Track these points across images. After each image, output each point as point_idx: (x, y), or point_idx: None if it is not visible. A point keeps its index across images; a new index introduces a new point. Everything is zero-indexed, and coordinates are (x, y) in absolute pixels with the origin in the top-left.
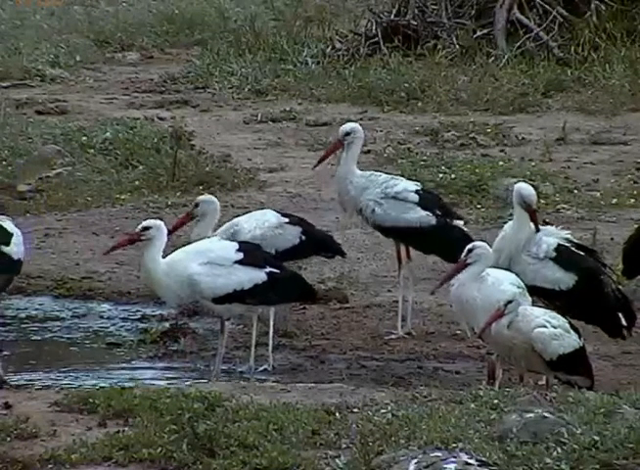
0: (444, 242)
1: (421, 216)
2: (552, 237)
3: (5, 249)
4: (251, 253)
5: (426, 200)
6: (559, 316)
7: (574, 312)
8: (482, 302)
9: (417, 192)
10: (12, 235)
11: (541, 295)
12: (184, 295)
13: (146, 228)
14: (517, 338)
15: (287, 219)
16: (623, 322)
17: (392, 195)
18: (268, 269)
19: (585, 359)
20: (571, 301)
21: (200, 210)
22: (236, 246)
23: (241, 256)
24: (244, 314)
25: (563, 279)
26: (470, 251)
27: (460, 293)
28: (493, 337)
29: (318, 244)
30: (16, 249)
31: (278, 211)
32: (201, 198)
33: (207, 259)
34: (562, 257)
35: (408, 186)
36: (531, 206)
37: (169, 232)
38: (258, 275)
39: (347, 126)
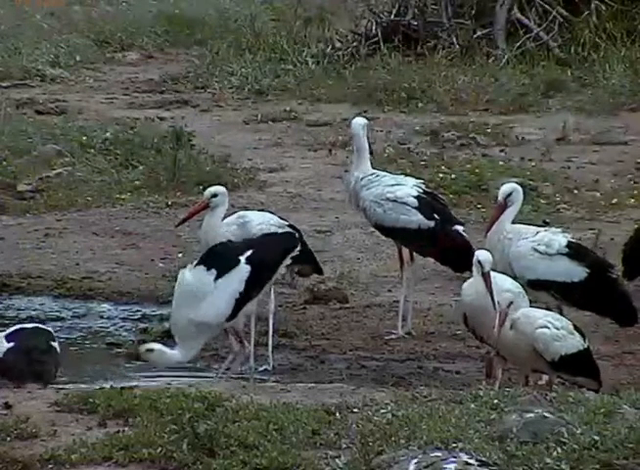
0: (448, 246)
1: (419, 219)
2: (560, 235)
3: None
4: (219, 260)
5: (425, 205)
6: (562, 318)
7: (587, 304)
8: (479, 304)
9: (417, 197)
10: None
11: (552, 288)
12: (204, 338)
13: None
14: (520, 339)
15: (286, 222)
16: None
17: (393, 198)
18: (244, 256)
19: (590, 361)
20: (584, 292)
21: (216, 200)
22: (203, 268)
23: (214, 272)
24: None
25: (576, 271)
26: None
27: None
28: (499, 338)
29: (308, 253)
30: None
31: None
32: (218, 188)
33: (196, 299)
34: (574, 251)
35: (410, 192)
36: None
37: (183, 221)
38: (241, 271)
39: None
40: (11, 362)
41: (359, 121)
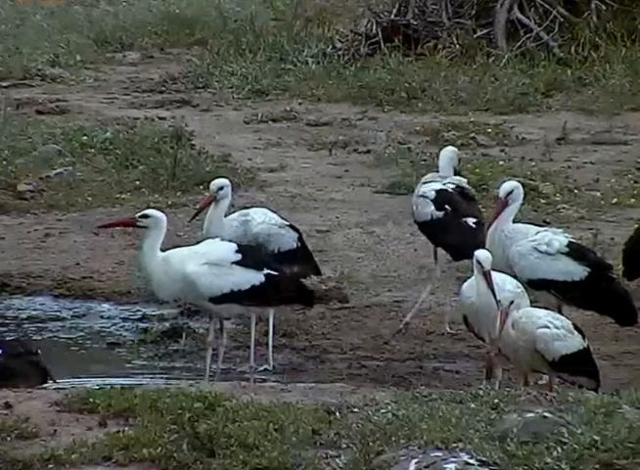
0: (448, 235)
1: (432, 210)
2: (560, 235)
3: None
4: (250, 254)
5: (441, 197)
6: (562, 318)
7: (587, 303)
8: (481, 303)
9: (438, 191)
10: None
11: (553, 288)
12: (177, 291)
13: (144, 216)
14: (521, 338)
15: (286, 222)
16: None
17: (420, 194)
18: (266, 271)
19: (590, 361)
20: (584, 291)
21: (222, 193)
22: (235, 247)
23: (239, 257)
24: (244, 314)
25: (576, 271)
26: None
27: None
28: (501, 337)
29: (308, 255)
30: None
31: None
32: (223, 181)
33: (206, 260)
34: (575, 251)
35: (434, 186)
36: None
37: (194, 216)
38: (256, 277)
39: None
40: (17, 365)
41: (448, 150)
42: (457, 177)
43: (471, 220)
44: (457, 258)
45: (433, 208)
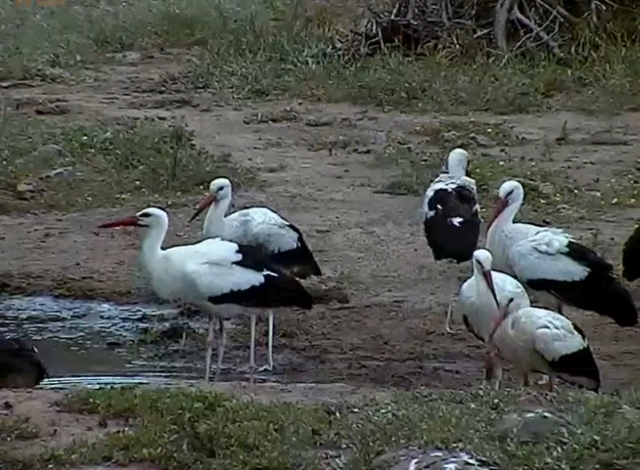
0: (433, 234)
1: (427, 211)
2: (560, 235)
3: None
4: (251, 255)
5: (436, 197)
6: (562, 318)
7: (587, 303)
8: (481, 303)
9: (436, 191)
10: None
11: (553, 288)
12: (177, 290)
13: (146, 215)
14: (521, 338)
15: (286, 222)
16: None
17: (425, 196)
18: (266, 272)
19: (590, 361)
20: (584, 291)
21: (222, 193)
22: (235, 247)
23: (240, 257)
24: (244, 314)
25: (576, 271)
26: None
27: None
28: (499, 337)
29: (308, 255)
30: None
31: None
32: (223, 181)
33: (206, 260)
34: (575, 251)
35: (435, 187)
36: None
37: (194, 216)
38: (256, 277)
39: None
40: (13, 361)
41: (456, 152)
42: (465, 178)
43: (456, 220)
44: (437, 257)
45: (427, 208)
